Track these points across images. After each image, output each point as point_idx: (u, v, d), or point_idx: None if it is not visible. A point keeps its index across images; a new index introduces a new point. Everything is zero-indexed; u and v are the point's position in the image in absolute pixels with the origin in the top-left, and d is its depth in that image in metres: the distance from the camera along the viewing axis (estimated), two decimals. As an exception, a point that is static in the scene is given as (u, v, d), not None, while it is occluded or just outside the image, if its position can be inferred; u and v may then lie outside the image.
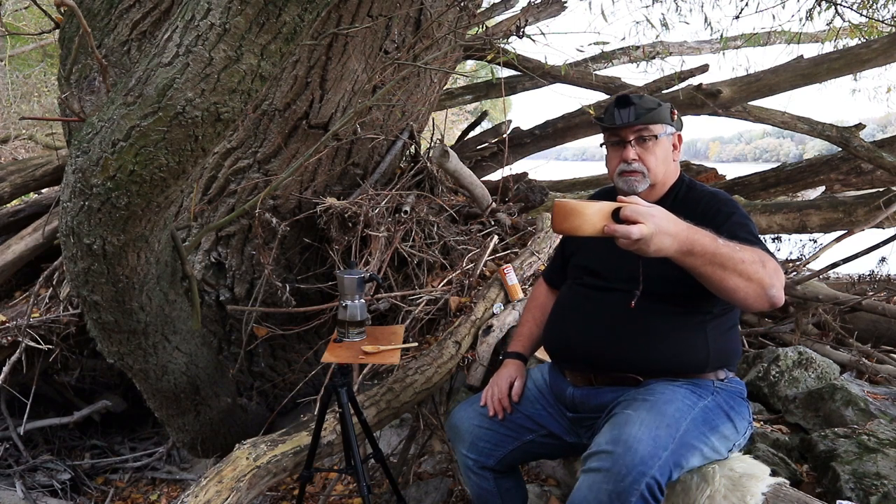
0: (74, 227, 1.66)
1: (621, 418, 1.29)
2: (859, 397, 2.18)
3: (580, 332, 1.53)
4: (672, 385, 1.41)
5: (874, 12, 4.65)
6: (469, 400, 1.75)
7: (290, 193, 2.95)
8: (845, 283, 3.83)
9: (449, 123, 9.12)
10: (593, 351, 1.50)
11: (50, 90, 8.80)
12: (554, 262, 1.86)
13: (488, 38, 3.84)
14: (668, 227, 1.13)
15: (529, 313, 1.85)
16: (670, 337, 1.45)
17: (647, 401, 1.34)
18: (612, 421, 1.31)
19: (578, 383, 1.55)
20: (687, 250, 1.17)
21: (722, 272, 1.20)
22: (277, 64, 1.45)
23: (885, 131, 13.45)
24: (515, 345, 1.82)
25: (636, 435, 1.23)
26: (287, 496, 2.74)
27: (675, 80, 4.17)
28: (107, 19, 2.30)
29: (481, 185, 3.21)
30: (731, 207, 1.46)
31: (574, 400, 1.55)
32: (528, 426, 1.63)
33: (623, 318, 1.46)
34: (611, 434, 1.26)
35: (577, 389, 1.54)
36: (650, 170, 1.52)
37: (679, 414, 1.32)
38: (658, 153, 1.53)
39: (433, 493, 2.43)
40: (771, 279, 1.24)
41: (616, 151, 1.56)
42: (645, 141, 1.52)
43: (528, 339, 1.81)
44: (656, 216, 1.13)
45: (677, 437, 1.27)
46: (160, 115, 1.40)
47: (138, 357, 2.25)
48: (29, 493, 2.93)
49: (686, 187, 1.57)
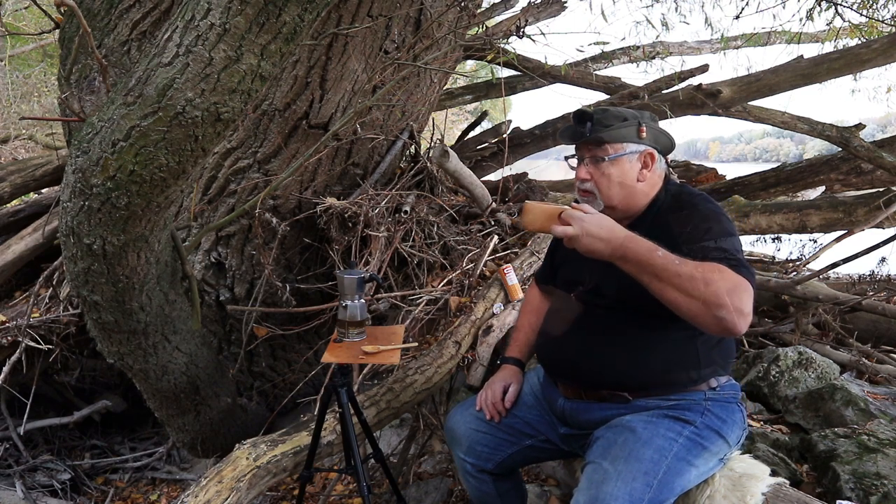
0: (74, 227, 1.66)
1: (598, 474, 1.29)
2: (859, 397, 2.18)
3: (571, 345, 1.52)
4: (654, 416, 1.39)
5: (874, 12, 4.65)
6: (465, 403, 1.75)
7: (290, 193, 2.95)
8: (845, 283, 3.82)
9: (449, 123, 9.12)
10: (583, 366, 1.49)
11: (50, 90, 8.80)
12: (544, 264, 1.86)
13: (488, 38, 3.84)
14: (597, 231, 1.25)
15: (525, 318, 1.85)
16: (659, 352, 1.42)
17: (626, 445, 1.32)
18: (590, 476, 1.30)
19: (570, 395, 1.54)
20: (620, 256, 1.25)
21: (658, 283, 1.23)
22: (277, 64, 1.44)
23: (885, 131, 13.45)
24: (512, 349, 1.81)
25: (612, 492, 1.23)
26: (287, 496, 2.73)
27: (676, 80, 4.17)
28: (107, 19, 2.30)
29: (481, 185, 3.21)
30: (709, 222, 1.35)
31: (564, 412, 1.55)
32: (526, 431, 1.62)
33: (613, 333, 1.45)
34: (588, 494, 1.26)
35: (567, 402, 1.54)
36: (601, 191, 1.46)
37: (658, 455, 1.30)
38: (612, 174, 1.45)
39: (433, 493, 2.43)
40: (718, 298, 1.16)
41: (577, 167, 1.55)
42: (598, 161, 1.47)
43: (526, 345, 1.80)
44: (585, 220, 1.26)
45: (655, 483, 1.26)
46: (160, 115, 1.40)
47: (138, 357, 2.25)
48: (29, 493, 2.93)
49: (670, 201, 1.47)
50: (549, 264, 1.81)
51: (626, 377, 1.44)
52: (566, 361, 1.53)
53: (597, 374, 1.47)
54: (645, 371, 1.43)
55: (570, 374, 1.53)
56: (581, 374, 1.50)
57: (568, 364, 1.53)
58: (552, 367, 1.61)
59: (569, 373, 1.54)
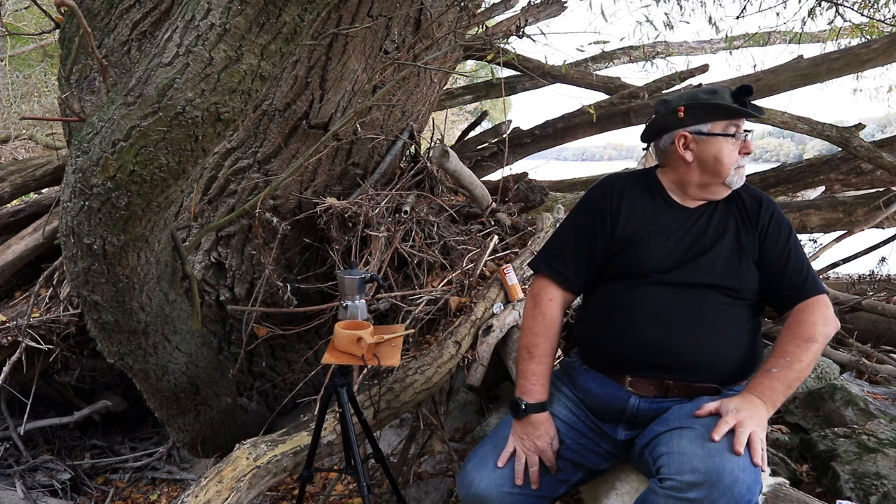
0: (74, 227, 1.66)
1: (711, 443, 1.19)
2: (859, 397, 2.18)
3: (658, 334, 1.39)
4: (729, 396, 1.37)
5: (875, 12, 4.66)
6: (483, 460, 1.45)
7: (290, 193, 2.95)
8: (845, 283, 3.83)
9: (449, 123, 9.12)
10: (677, 355, 1.38)
11: (50, 90, 8.80)
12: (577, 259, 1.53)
13: (488, 38, 3.84)
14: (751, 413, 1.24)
15: (549, 343, 1.50)
16: (744, 340, 1.42)
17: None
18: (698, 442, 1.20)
19: (648, 393, 1.40)
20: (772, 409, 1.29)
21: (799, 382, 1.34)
22: (277, 64, 1.44)
23: (885, 131, 13.43)
24: (537, 391, 1.47)
25: (740, 463, 1.16)
26: (287, 496, 2.74)
27: (676, 80, 4.17)
28: (107, 19, 2.30)
29: (481, 185, 3.21)
30: (788, 227, 1.48)
31: (637, 413, 1.40)
32: (562, 478, 1.45)
33: (705, 320, 1.39)
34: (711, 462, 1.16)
35: (643, 399, 1.40)
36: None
37: None
38: None
39: (433, 493, 2.43)
40: (825, 338, 1.36)
41: (733, 143, 1.45)
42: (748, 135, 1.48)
43: (547, 378, 1.51)
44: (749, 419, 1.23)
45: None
46: (160, 115, 1.40)
47: (138, 357, 2.25)
48: (29, 493, 2.93)
49: None
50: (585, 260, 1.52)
51: (724, 365, 1.39)
52: (656, 353, 1.38)
53: (696, 365, 1.38)
54: (737, 359, 1.41)
55: (659, 366, 1.39)
56: (675, 366, 1.38)
57: (659, 356, 1.38)
58: (630, 363, 1.42)
59: (658, 365, 1.39)
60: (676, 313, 1.39)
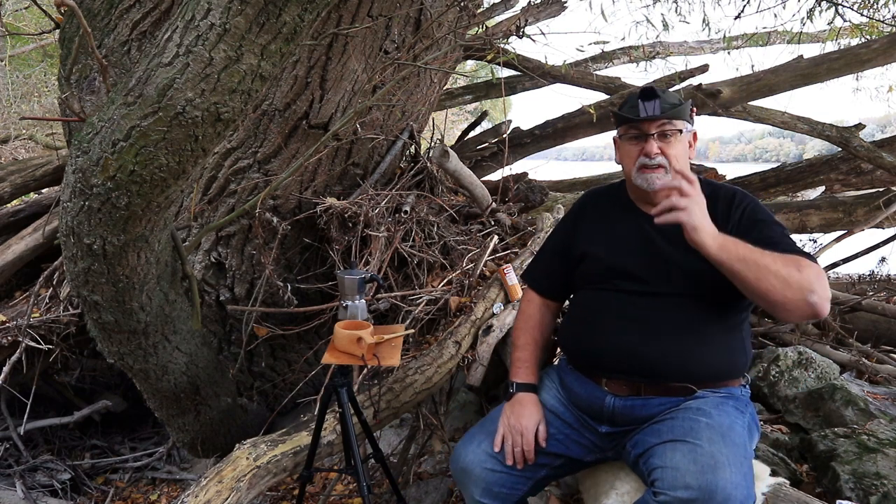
0: (74, 227, 1.66)
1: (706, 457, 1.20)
2: (859, 397, 2.18)
3: (626, 339, 1.44)
4: (719, 401, 1.38)
5: (875, 12, 4.66)
6: (475, 438, 1.55)
7: (290, 193, 2.95)
8: (845, 283, 3.83)
9: (449, 123, 9.12)
10: (645, 360, 1.42)
11: (50, 90, 8.80)
12: (548, 268, 1.73)
13: (488, 38, 3.84)
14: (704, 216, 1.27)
15: (528, 335, 1.69)
16: (719, 341, 1.42)
17: (712, 428, 1.27)
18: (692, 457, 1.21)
19: (622, 393, 1.46)
20: (720, 244, 1.26)
21: (756, 272, 1.24)
22: (277, 64, 1.44)
23: (885, 131, 13.43)
24: (524, 373, 1.63)
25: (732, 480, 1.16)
26: (287, 496, 2.74)
27: (676, 80, 4.17)
28: (107, 19, 2.30)
29: (481, 185, 3.21)
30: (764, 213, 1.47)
31: (614, 411, 1.46)
32: (543, 462, 1.52)
33: (672, 323, 1.42)
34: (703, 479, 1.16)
35: (619, 399, 1.45)
36: (671, 164, 1.45)
37: (741, 440, 1.29)
38: (678, 150, 1.48)
39: (433, 493, 2.43)
40: (811, 284, 1.22)
41: (634, 146, 1.49)
42: (667, 136, 1.47)
43: (536, 365, 1.65)
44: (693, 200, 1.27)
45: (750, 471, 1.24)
46: (160, 115, 1.40)
47: (138, 357, 2.25)
48: (29, 493, 2.93)
49: (705, 186, 1.48)
50: (557, 270, 1.68)
51: (696, 367, 1.40)
52: (626, 357, 1.44)
53: (665, 367, 1.41)
54: (708, 360, 1.41)
55: (630, 370, 1.44)
56: (645, 369, 1.42)
57: (629, 360, 1.44)
58: (603, 365, 1.49)
59: (628, 369, 1.44)
60: (641, 318, 1.45)
